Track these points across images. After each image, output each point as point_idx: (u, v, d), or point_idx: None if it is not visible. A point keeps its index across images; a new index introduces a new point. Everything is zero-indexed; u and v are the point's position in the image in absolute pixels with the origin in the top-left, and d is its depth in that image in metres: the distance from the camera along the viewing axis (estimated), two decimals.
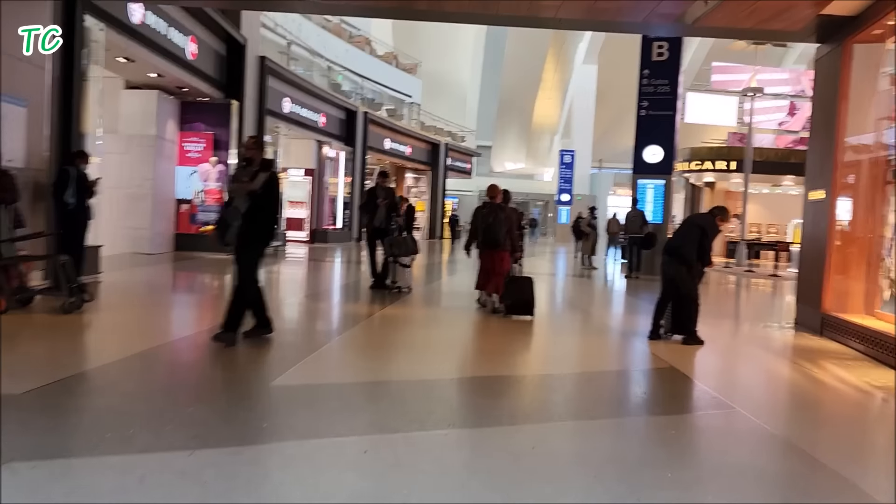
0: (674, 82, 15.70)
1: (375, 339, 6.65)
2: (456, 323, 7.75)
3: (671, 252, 6.61)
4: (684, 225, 6.93)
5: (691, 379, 5.28)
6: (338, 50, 28.49)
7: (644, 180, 16.13)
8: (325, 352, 5.73)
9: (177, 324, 7.36)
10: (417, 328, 7.29)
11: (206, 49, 13.75)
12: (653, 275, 15.65)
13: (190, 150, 14.92)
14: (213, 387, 4.46)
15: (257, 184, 5.46)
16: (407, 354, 5.79)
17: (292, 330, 6.83)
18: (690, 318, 6.51)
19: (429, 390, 4.49)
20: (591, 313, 9.61)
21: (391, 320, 7.69)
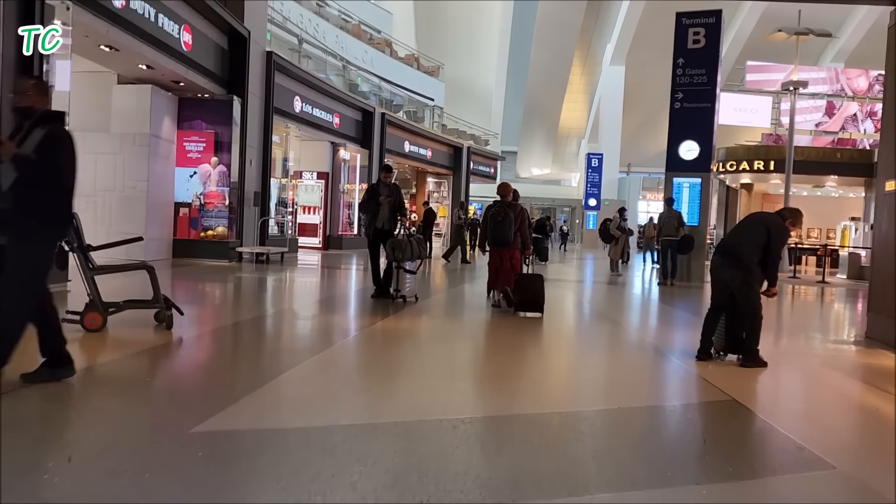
0: (711, 72, 14.40)
1: (355, 362, 5.46)
2: (460, 338, 6.57)
3: (726, 252, 5.38)
4: (745, 222, 5.66)
5: (762, 418, 4.02)
6: (357, 51, 27.65)
7: (679, 179, 14.81)
8: (283, 381, 4.38)
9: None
10: (411, 346, 6.16)
11: (203, 41, 12.82)
12: (689, 281, 14.41)
13: (190, 150, 13.98)
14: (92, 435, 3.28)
15: (28, 146, 3.79)
16: (389, 384, 4.62)
17: (250, 352, 5.68)
18: (750, 334, 5.26)
19: (406, 441, 3.34)
20: (623, 325, 8.37)
21: (383, 336, 6.53)
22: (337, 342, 6.13)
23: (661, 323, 9.09)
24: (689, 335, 7.33)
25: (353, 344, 6.05)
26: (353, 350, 5.83)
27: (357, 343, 6.12)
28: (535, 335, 6.96)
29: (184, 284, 10.42)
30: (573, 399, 4.38)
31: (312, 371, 4.81)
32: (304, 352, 5.63)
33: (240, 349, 5.78)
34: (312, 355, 5.41)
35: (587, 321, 8.84)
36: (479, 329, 7.34)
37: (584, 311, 9.86)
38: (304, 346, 6.00)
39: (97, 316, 5.48)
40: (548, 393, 4.48)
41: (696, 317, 9.56)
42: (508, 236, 8.03)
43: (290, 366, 4.88)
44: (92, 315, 5.46)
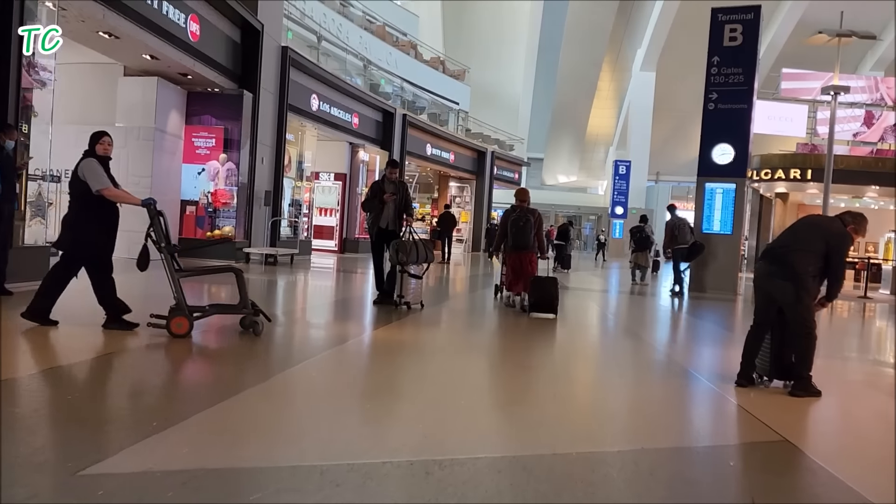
0: (749, 71, 13.52)
1: (329, 381, 4.50)
2: (463, 354, 5.80)
3: (775, 259, 4.55)
4: (798, 225, 4.76)
5: (822, 465, 3.23)
6: (381, 52, 27.16)
7: (712, 184, 13.92)
8: (233, 404, 3.56)
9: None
10: (404, 363, 5.31)
11: (212, 32, 12.30)
12: (719, 292, 13.50)
13: (199, 146, 13.48)
14: None
15: None
16: (362, 410, 3.82)
17: (209, 365, 4.93)
18: (802, 357, 4.45)
19: (374, 486, 2.63)
20: (648, 342, 7.57)
21: (374, 349, 5.79)
22: (316, 355, 5.35)
23: (691, 339, 8.26)
24: (724, 354, 6.53)
25: (334, 358, 5.27)
26: (333, 365, 5.05)
27: (340, 357, 5.34)
28: (548, 352, 6.21)
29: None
30: (587, 435, 3.61)
31: (274, 391, 4.06)
32: (275, 366, 4.87)
33: (197, 362, 5.07)
34: (282, 370, 4.67)
35: (609, 336, 8.05)
36: (486, 343, 6.60)
37: (607, 324, 9.07)
38: (277, 358, 5.17)
39: (183, 321, 5.22)
40: (558, 427, 3.72)
41: (729, 332, 8.77)
42: (530, 240, 8.39)
43: (249, 383, 4.15)
44: (178, 320, 5.21)
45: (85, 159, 5.30)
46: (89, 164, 5.27)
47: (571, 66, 48.00)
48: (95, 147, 5.39)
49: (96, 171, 5.24)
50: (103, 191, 5.24)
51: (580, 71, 48.11)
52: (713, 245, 13.97)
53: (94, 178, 5.20)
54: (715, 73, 13.65)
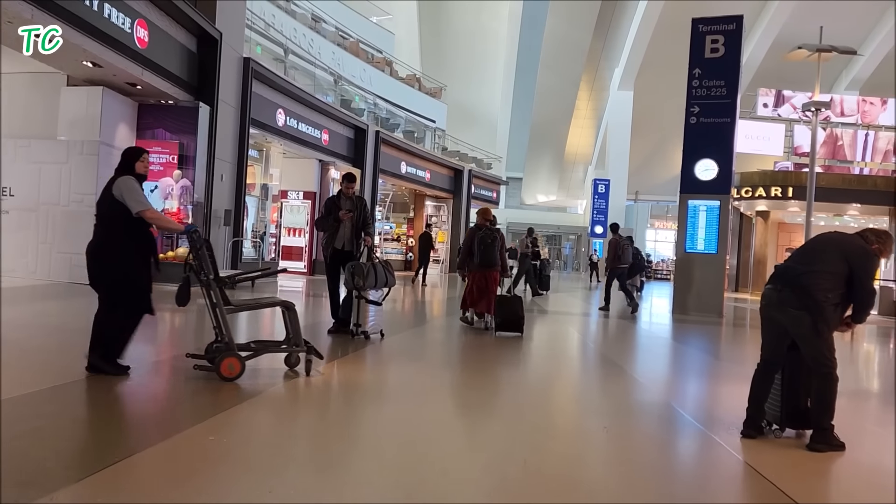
0: (732, 83, 12.98)
1: (240, 441, 3.43)
2: (422, 398, 4.86)
3: (787, 284, 3.79)
4: (814, 245, 3.97)
5: None
6: (354, 69, 26.55)
7: (695, 201, 13.30)
8: (93, 483, 2.68)
9: None
10: (345, 413, 4.32)
11: (163, 39, 11.49)
12: (703, 314, 12.83)
13: (151, 161, 12.58)
14: None
15: None
16: (266, 485, 2.84)
17: (84, 423, 3.74)
18: (821, 403, 3.69)
19: None
20: (631, 374, 6.79)
21: (310, 393, 4.80)
22: (233, 406, 4.13)
23: (679, 370, 7.50)
24: (718, 391, 5.78)
25: (256, 407, 4.19)
26: (252, 418, 3.96)
27: (266, 406, 4.30)
28: (520, 394, 5.40)
29: None
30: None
31: (160, 459, 3.16)
32: (175, 423, 3.79)
33: (74, 418, 3.86)
34: (185, 428, 3.64)
35: (588, 369, 7.26)
36: (450, 381, 5.78)
37: (586, 354, 8.29)
38: (184, 411, 4.11)
39: (235, 362, 4.69)
40: (525, 493, 2.92)
41: (720, 361, 8.03)
42: (497, 258, 8.50)
43: (128, 451, 3.21)
44: (229, 361, 4.68)
45: (123, 177, 4.66)
46: (129, 182, 4.63)
47: (549, 85, 47.83)
48: (136, 165, 4.79)
49: (137, 191, 4.64)
50: (145, 213, 4.62)
51: (558, 90, 47.94)
52: (697, 265, 13.35)
53: (135, 199, 4.57)
54: (696, 85, 13.10)
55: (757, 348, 4.02)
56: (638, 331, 11.18)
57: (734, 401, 4.71)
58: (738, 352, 9.22)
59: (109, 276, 4.65)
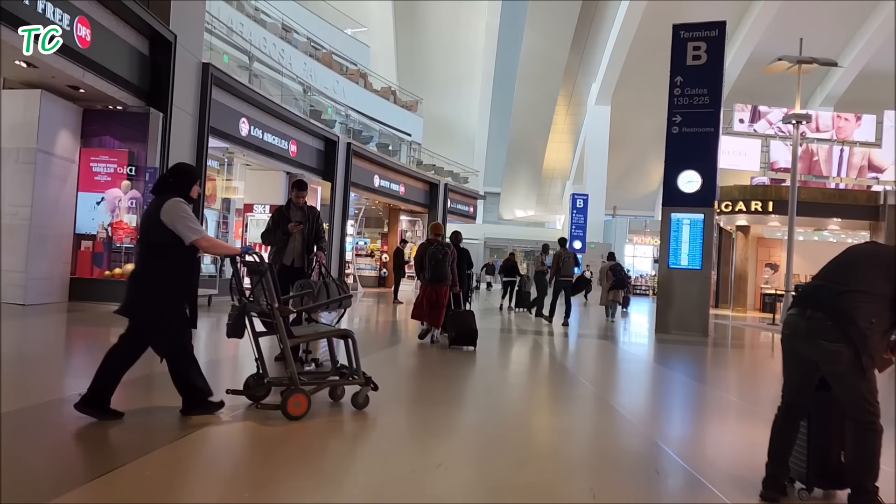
0: (714, 92, 12.44)
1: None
2: (361, 453, 4.11)
3: (819, 307, 3.02)
4: (850, 259, 3.18)
5: None
6: (327, 80, 25.86)
7: (678, 214, 12.69)
8: None
9: None
10: (255, 478, 3.29)
11: (109, 39, 10.64)
12: (684, 332, 12.17)
13: (98, 171, 11.70)
14: None
15: None
16: None
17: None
18: (862, 458, 2.96)
19: None
20: (617, 408, 6.05)
21: (236, 436, 4.06)
22: (106, 471, 3.12)
23: (673, 406, 6.76)
24: (725, 433, 5.03)
25: (138, 472, 3.20)
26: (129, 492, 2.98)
27: (156, 470, 3.29)
28: (487, 439, 4.63)
29: (34, 338, 7.98)
30: None
31: None
32: (86, 468, 3.13)
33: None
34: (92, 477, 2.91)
35: (569, 401, 6.49)
36: (404, 423, 4.99)
37: (566, 382, 7.53)
38: (100, 454, 3.54)
39: (302, 399, 4.31)
40: None
41: (717, 390, 7.27)
42: (447, 273, 8.64)
43: None
44: (296, 398, 4.28)
45: (173, 200, 4.11)
46: (180, 207, 4.10)
47: (526, 100, 47.51)
48: (192, 188, 4.28)
49: (191, 217, 4.12)
50: (200, 242, 4.11)
51: (535, 104, 47.64)
52: (680, 281, 12.70)
53: (188, 226, 4.06)
54: (678, 94, 12.53)
55: (755, 374, 3.33)
56: (619, 353, 10.46)
57: (743, 447, 3.98)
58: (734, 379, 8.51)
59: (145, 309, 4.12)
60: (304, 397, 4.29)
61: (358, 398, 4.70)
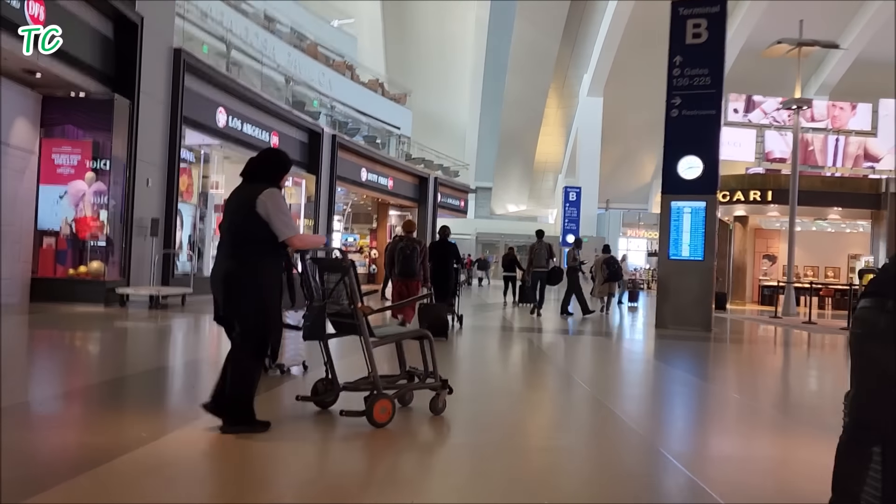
0: (716, 72, 11.77)
1: None
2: (319, 476, 3.49)
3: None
4: None
5: None
6: (312, 72, 25.02)
7: (679, 203, 12.01)
8: None
9: None
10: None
11: (67, 19, 9.86)
12: (684, 327, 11.45)
13: (60, 163, 10.93)
14: None
15: None
16: None
17: None
18: None
19: None
20: (621, 418, 5.37)
21: (182, 461, 3.42)
22: (67, 481, 2.87)
23: (680, 407, 6.09)
24: (757, 450, 4.31)
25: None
26: None
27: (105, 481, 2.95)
28: (473, 457, 3.94)
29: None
30: None
31: None
32: None
33: None
34: None
35: (570, 409, 5.81)
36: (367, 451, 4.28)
37: (568, 386, 6.84)
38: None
39: (387, 405, 4.02)
40: None
41: (730, 392, 6.51)
42: (416, 268, 8.72)
43: None
44: (382, 404, 3.99)
45: (270, 190, 3.76)
46: (278, 199, 3.77)
47: (517, 93, 46.83)
48: (283, 177, 3.96)
49: (286, 212, 3.78)
50: (294, 240, 3.79)
51: (526, 98, 46.96)
52: (681, 274, 12.04)
53: (284, 221, 3.73)
54: (677, 74, 11.85)
55: (770, 373, 2.64)
56: (619, 350, 9.79)
57: (785, 472, 3.29)
58: (747, 379, 7.82)
59: (246, 309, 3.76)
60: (389, 403, 4.00)
61: (437, 403, 4.37)
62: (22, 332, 8.52)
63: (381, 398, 3.98)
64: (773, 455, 4.08)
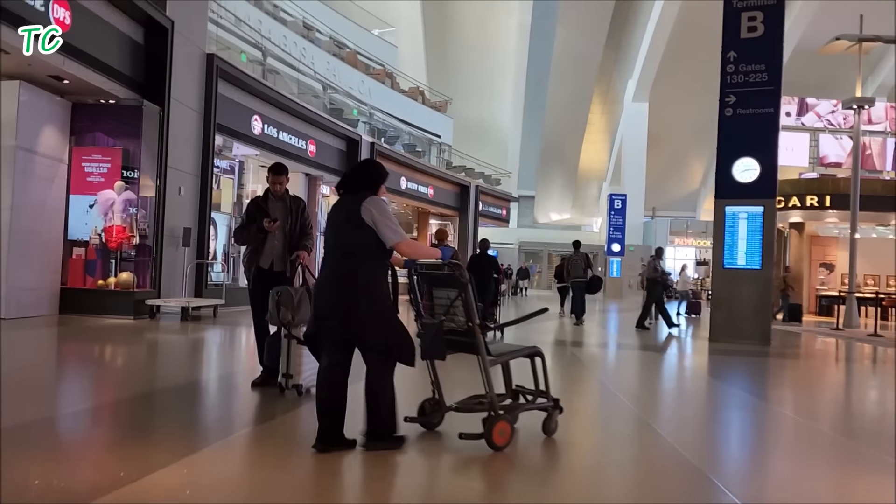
0: (774, 67, 10.97)
1: None
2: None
3: None
4: None
5: None
6: (352, 80, 24.84)
7: (734, 208, 11.21)
8: None
9: None
10: None
11: (95, 24, 9.67)
12: (737, 340, 10.60)
13: (91, 171, 10.74)
14: None
15: None
16: None
17: None
18: None
19: None
20: (659, 430, 4.71)
21: None
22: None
23: (734, 429, 5.38)
24: (807, 472, 3.65)
25: None
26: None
27: None
28: (510, 472, 3.36)
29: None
30: None
31: None
32: None
33: None
34: None
35: (607, 423, 5.16)
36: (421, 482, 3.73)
37: (608, 401, 6.18)
38: None
39: (506, 427, 3.83)
40: None
41: (802, 418, 5.76)
42: None
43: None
44: (501, 426, 3.80)
45: (373, 198, 3.69)
46: (383, 205, 3.68)
47: (560, 99, 46.00)
48: (381, 187, 3.85)
49: (392, 218, 3.67)
50: (402, 245, 3.67)
51: (569, 105, 46.11)
52: (737, 283, 11.22)
53: (391, 227, 3.61)
54: (731, 71, 11.07)
55: (838, 392, 2.01)
56: (669, 365, 9.05)
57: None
58: (811, 400, 7.02)
59: (379, 326, 3.62)
60: (508, 425, 3.82)
61: (550, 424, 4.18)
62: (49, 345, 8.27)
63: (500, 420, 3.80)
64: (835, 485, 3.44)
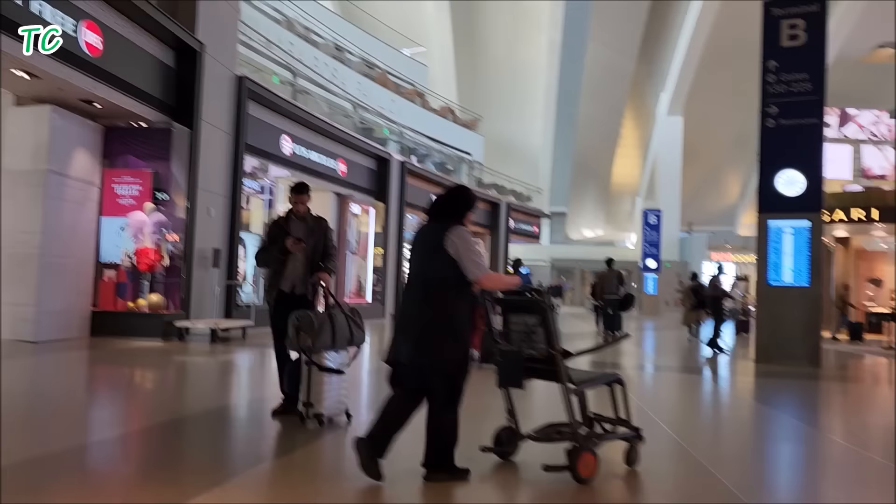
0: (817, 76, 10.52)
1: None
2: None
3: None
4: None
5: None
6: (382, 100, 24.87)
7: (778, 222, 10.74)
8: None
9: None
10: None
11: (125, 48, 9.70)
12: (783, 363, 10.06)
13: (121, 194, 10.75)
14: None
15: None
16: None
17: None
18: None
19: None
20: (701, 458, 4.33)
21: None
22: None
23: (784, 460, 4.98)
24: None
25: None
26: None
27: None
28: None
29: (26, 378, 6.82)
30: None
31: None
32: None
33: None
34: None
35: (645, 453, 4.80)
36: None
37: (645, 427, 5.81)
38: None
39: (591, 459, 3.74)
40: None
41: (856, 447, 5.33)
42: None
43: None
44: (586, 458, 3.72)
45: (459, 229, 3.62)
46: (467, 237, 3.61)
47: (592, 114, 45.60)
48: (468, 215, 3.75)
49: (476, 251, 3.61)
50: (483, 280, 3.62)
51: (601, 119, 45.69)
52: (783, 302, 10.72)
53: (475, 260, 3.56)
54: (773, 81, 10.66)
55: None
56: (712, 389, 8.60)
57: None
58: (864, 426, 6.57)
59: (452, 361, 3.58)
60: (593, 457, 3.73)
61: (631, 455, 4.08)
62: (79, 370, 8.19)
63: (585, 451, 3.71)
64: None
